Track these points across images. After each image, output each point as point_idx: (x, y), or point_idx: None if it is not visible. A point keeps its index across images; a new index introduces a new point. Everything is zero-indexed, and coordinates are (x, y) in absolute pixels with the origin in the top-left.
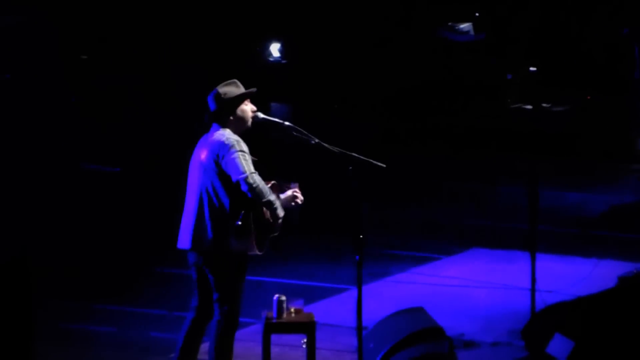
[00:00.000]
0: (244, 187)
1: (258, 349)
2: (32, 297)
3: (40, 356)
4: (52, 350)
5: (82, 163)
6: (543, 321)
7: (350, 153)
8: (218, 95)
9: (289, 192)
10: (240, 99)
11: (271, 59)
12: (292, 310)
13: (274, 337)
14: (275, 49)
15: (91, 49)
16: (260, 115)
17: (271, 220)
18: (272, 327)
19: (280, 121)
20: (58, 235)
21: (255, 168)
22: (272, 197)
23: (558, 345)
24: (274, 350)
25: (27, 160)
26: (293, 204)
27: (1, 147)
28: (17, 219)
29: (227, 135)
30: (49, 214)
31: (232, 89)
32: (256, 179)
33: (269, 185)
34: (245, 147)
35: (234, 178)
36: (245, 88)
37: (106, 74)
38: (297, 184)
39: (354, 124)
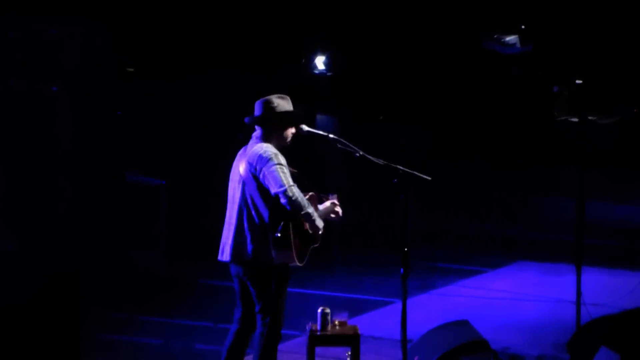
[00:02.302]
0: (283, 200)
1: None
2: (80, 309)
3: None
4: None
5: (128, 175)
6: (589, 334)
7: (396, 165)
8: (271, 104)
9: (328, 203)
10: (290, 122)
11: (316, 72)
12: (337, 322)
13: (319, 350)
14: (320, 62)
15: (138, 61)
16: (305, 128)
17: (310, 232)
18: (317, 340)
19: (325, 134)
20: (104, 246)
21: (295, 181)
22: (311, 210)
23: (604, 358)
24: None
25: (73, 172)
26: (333, 215)
27: (48, 159)
28: (64, 230)
29: (265, 148)
30: (96, 225)
31: (285, 104)
32: (295, 192)
33: (307, 196)
34: (283, 160)
35: (272, 191)
36: (291, 99)
37: (152, 87)
38: (335, 195)
39: (400, 135)
